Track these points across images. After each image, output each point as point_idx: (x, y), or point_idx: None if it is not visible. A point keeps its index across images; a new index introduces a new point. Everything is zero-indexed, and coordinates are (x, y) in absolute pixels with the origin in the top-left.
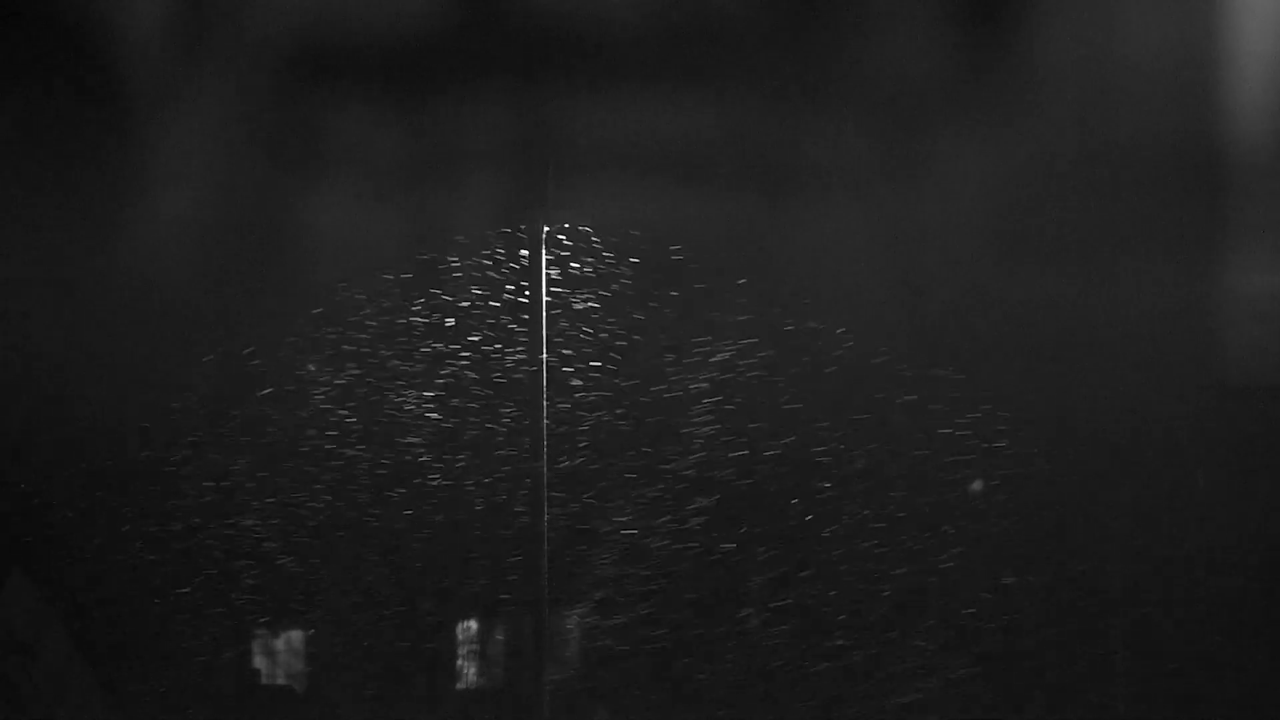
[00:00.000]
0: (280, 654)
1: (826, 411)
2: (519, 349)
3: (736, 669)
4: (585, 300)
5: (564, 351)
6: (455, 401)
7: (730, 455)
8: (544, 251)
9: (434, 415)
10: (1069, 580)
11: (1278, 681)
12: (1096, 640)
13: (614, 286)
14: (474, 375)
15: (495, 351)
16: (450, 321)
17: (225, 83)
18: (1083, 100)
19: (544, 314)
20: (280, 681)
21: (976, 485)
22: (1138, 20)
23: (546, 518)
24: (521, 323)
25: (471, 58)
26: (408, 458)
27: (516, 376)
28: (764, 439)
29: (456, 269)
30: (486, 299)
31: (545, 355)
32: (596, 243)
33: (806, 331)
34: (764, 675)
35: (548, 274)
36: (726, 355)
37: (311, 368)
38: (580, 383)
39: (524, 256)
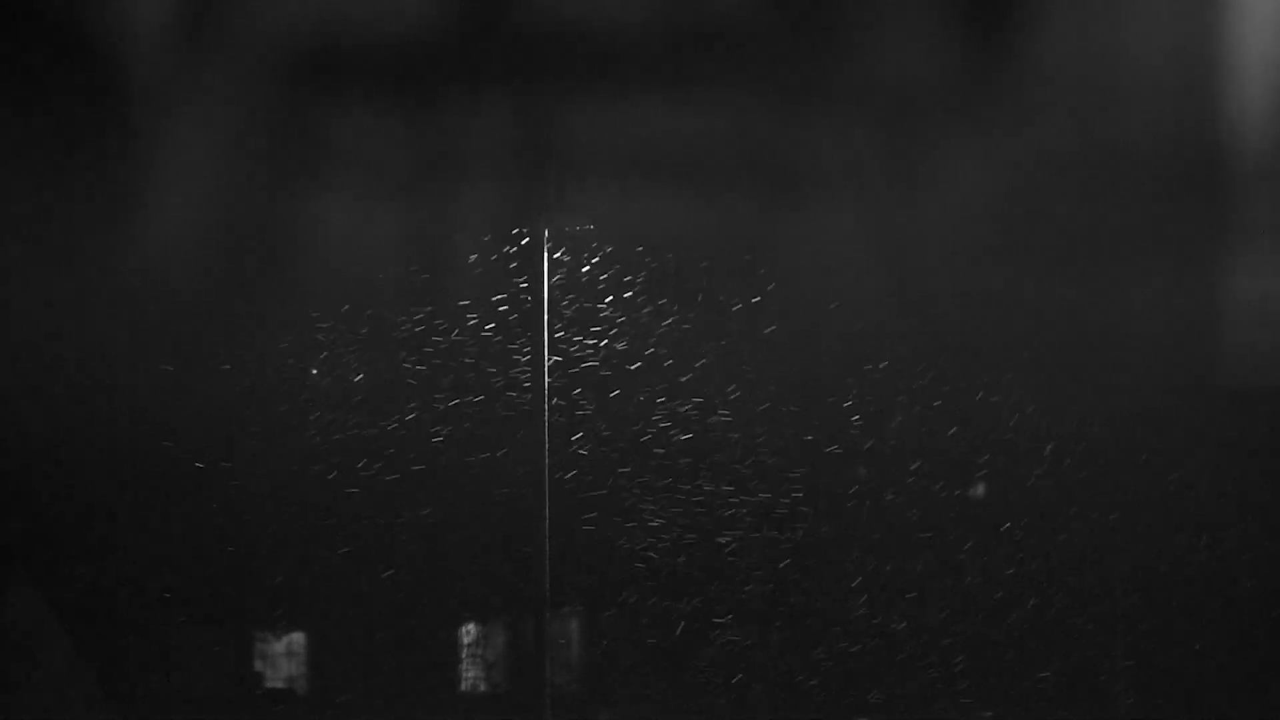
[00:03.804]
0: (281, 656)
1: (827, 412)
2: (521, 349)
3: (738, 671)
4: (588, 301)
5: (566, 351)
6: (458, 403)
7: (731, 455)
8: (546, 253)
9: (436, 415)
10: (1069, 580)
11: (1278, 681)
12: (1096, 639)
13: (616, 287)
14: (476, 375)
15: (498, 352)
16: (453, 323)
17: (230, 89)
18: (1085, 104)
19: (546, 315)
20: (280, 685)
21: (978, 489)
22: (1140, 25)
23: (548, 519)
24: (524, 323)
25: (475, 63)
26: (410, 457)
27: (519, 377)
28: (765, 439)
29: (460, 271)
30: (489, 301)
31: (547, 355)
32: (599, 245)
33: (808, 332)
34: (763, 677)
35: (550, 275)
36: (729, 355)
37: (314, 371)
38: (582, 384)
39: (527, 258)
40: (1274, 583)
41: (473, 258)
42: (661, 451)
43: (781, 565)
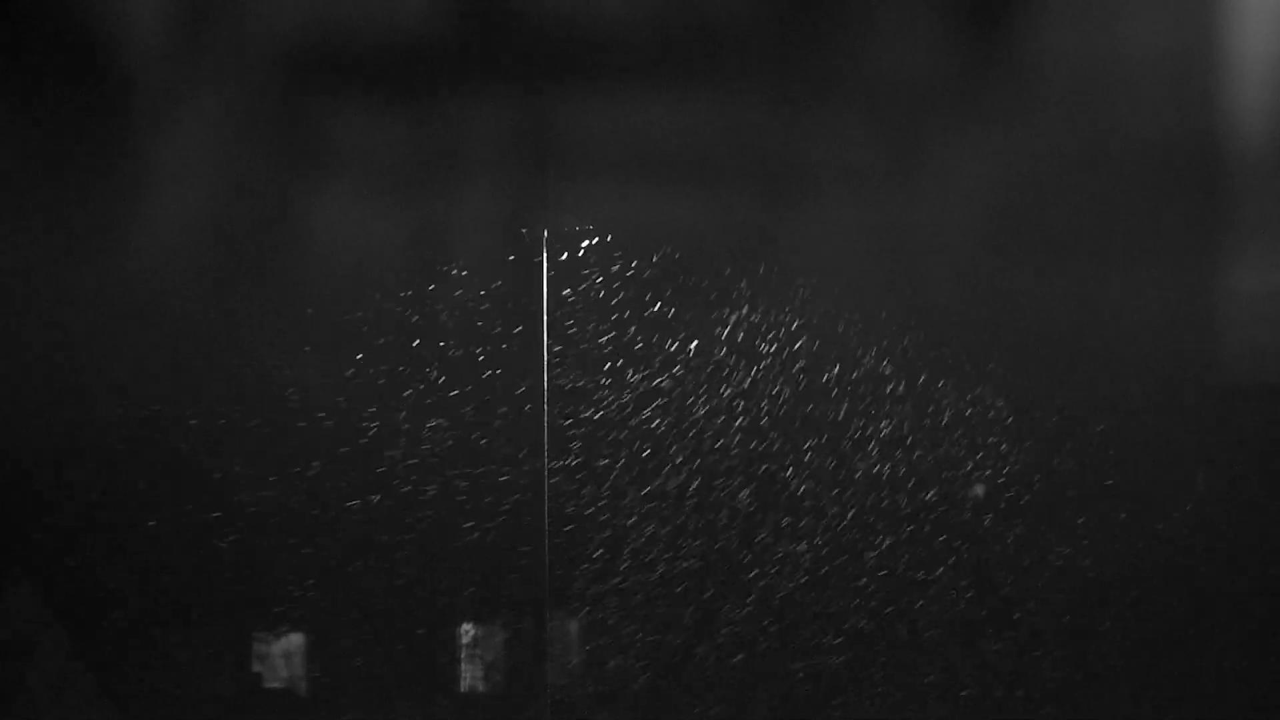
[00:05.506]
0: (280, 657)
1: (826, 410)
2: (520, 348)
3: (736, 671)
4: (588, 299)
5: (565, 351)
6: (457, 402)
7: (731, 455)
8: (545, 252)
9: (435, 414)
10: (1068, 579)
11: (1277, 681)
12: (1095, 638)
13: (615, 286)
14: (476, 374)
15: (496, 352)
16: (452, 322)
17: (228, 87)
18: (1083, 101)
19: (545, 314)
20: (279, 685)
21: (978, 490)
22: (1138, 22)
23: (547, 519)
24: (523, 323)
25: (474, 61)
26: (409, 458)
27: (517, 376)
28: (764, 438)
29: (458, 270)
30: (487, 300)
31: (546, 355)
32: (597, 243)
33: (807, 330)
34: (762, 676)
35: (549, 274)
36: (728, 354)
37: (311, 370)
38: (581, 382)
39: (526, 257)
40: (1274, 583)
41: (472, 256)
42: (662, 450)
43: (781, 566)
